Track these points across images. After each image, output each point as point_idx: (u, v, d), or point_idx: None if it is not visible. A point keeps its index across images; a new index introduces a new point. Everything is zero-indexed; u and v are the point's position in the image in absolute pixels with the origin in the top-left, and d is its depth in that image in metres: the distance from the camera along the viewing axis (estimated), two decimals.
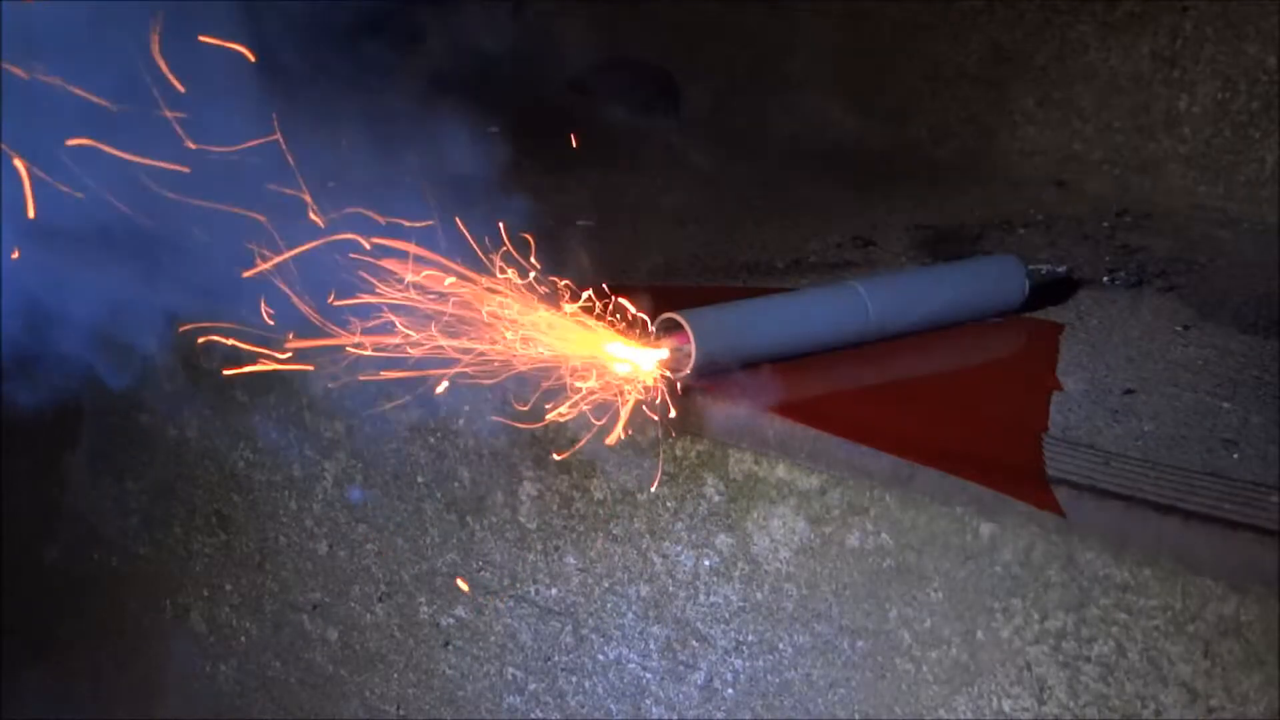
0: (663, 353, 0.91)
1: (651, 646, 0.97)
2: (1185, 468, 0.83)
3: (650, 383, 0.92)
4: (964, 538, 0.82)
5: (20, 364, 1.00)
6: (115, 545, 1.31)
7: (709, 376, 0.93)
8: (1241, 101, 1.40)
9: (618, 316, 0.92)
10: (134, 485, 1.28)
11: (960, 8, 1.58)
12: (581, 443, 0.93)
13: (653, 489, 0.95)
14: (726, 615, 0.93)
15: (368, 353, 0.87)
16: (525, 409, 0.89)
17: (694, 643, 0.95)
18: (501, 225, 0.94)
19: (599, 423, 0.92)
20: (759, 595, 0.91)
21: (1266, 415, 0.90)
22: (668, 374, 0.92)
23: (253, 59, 0.90)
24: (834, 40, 1.69)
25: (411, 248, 0.88)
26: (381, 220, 0.89)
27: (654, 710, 0.97)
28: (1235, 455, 0.84)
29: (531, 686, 1.04)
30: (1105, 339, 1.06)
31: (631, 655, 0.98)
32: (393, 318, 0.87)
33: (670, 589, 0.95)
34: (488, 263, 0.91)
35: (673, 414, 0.90)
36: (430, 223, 0.90)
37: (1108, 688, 0.78)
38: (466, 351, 0.88)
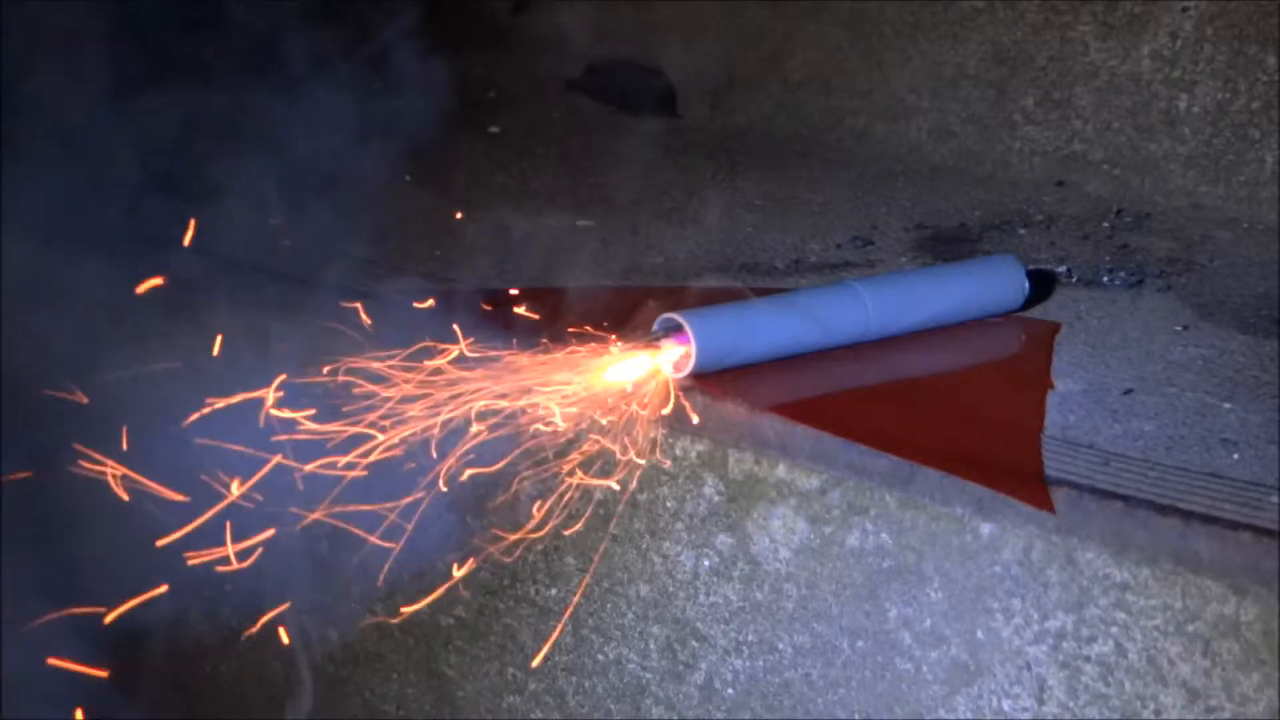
0: (663, 353, 0.91)
1: (651, 646, 0.97)
2: (1185, 468, 0.83)
3: (651, 384, 0.92)
4: (964, 538, 0.82)
5: None
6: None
7: (709, 376, 0.93)
8: (1241, 101, 1.40)
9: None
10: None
11: (960, 8, 1.58)
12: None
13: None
14: (726, 615, 0.93)
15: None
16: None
17: (694, 643, 0.95)
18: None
19: (599, 424, 0.92)
20: (759, 595, 0.91)
21: (1266, 415, 0.90)
22: (668, 374, 0.92)
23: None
24: (834, 40, 1.69)
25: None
26: None
27: (654, 710, 0.97)
28: (1235, 455, 0.84)
29: (531, 686, 1.04)
30: (1105, 339, 1.06)
31: (631, 655, 0.98)
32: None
33: (670, 589, 0.95)
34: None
35: (672, 412, 0.91)
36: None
37: (1108, 688, 0.78)
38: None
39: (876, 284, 1.02)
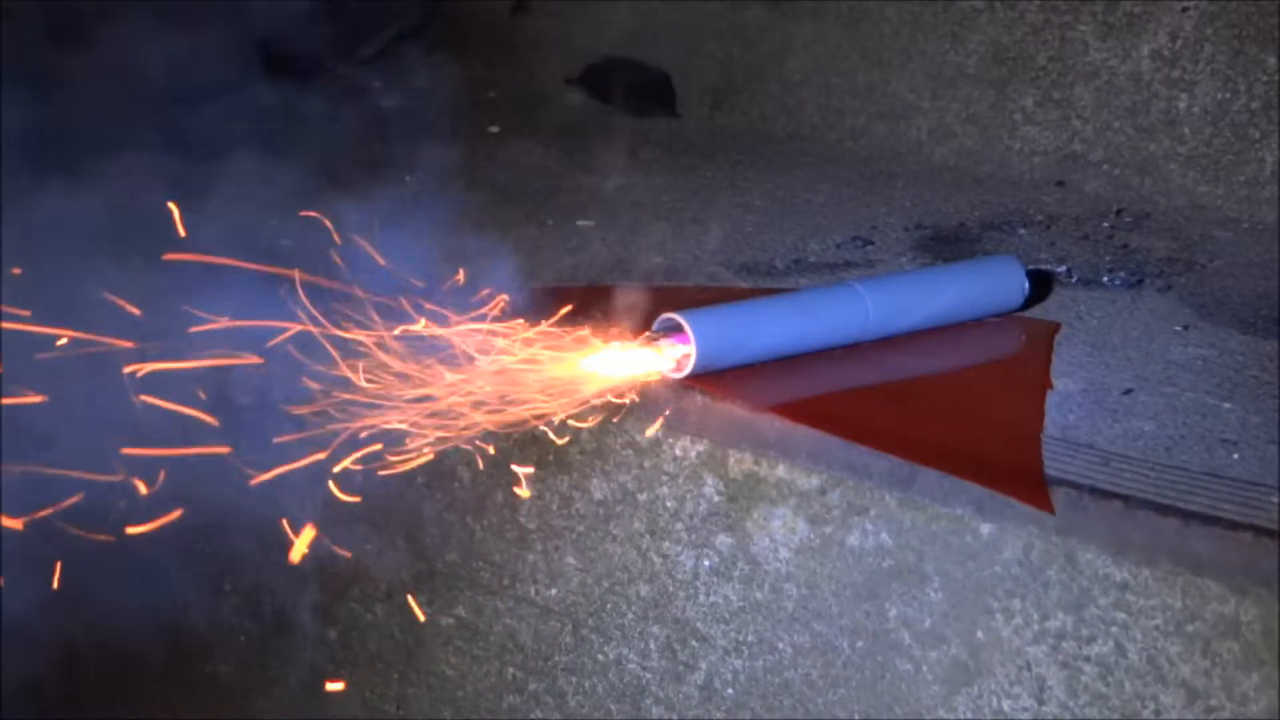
0: (663, 353, 0.91)
1: (651, 646, 0.97)
2: (1185, 468, 0.83)
3: (651, 383, 0.92)
4: (964, 538, 0.82)
5: None
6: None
7: (709, 376, 0.93)
8: (1241, 101, 1.40)
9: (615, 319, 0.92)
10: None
11: (960, 8, 1.58)
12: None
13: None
14: (726, 615, 0.93)
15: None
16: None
17: (694, 643, 0.95)
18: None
19: (600, 424, 0.92)
20: (759, 595, 0.91)
21: (1266, 415, 0.91)
22: (668, 374, 0.92)
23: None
24: (834, 40, 1.69)
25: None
26: None
27: (654, 710, 0.97)
28: (1235, 455, 0.84)
29: (531, 686, 1.04)
30: (1104, 339, 1.06)
31: (631, 655, 0.98)
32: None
33: (670, 589, 0.95)
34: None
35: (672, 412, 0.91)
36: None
37: (1108, 688, 0.78)
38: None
39: (876, 284, 1.02)
